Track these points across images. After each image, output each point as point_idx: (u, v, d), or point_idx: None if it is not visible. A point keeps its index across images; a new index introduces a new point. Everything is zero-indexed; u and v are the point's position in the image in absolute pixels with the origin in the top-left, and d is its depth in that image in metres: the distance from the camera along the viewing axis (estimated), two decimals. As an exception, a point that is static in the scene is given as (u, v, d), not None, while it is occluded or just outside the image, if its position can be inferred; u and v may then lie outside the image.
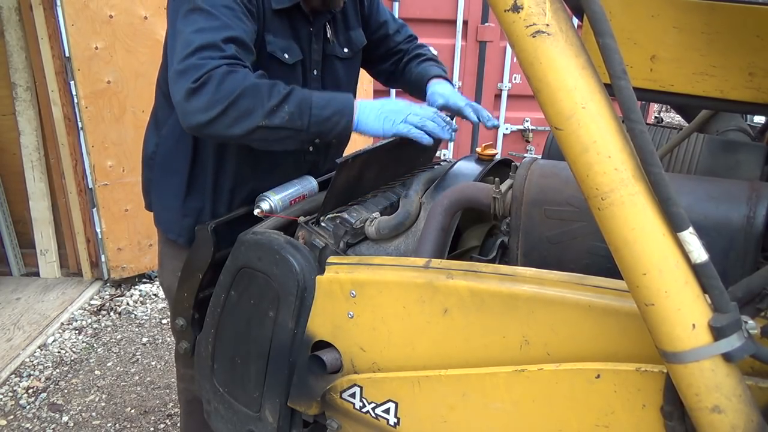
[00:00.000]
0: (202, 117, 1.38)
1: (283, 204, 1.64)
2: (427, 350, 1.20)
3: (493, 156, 1.56)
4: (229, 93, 1.36)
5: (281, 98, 1.40)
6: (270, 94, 1.40)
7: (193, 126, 1.41)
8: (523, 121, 4.83)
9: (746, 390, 0.87)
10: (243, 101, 1.37)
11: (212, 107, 1.36)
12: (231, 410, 1.48)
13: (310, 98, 1.45)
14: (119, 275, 3.89)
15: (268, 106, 1.39)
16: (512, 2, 0.83)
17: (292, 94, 1.43)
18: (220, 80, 1.36)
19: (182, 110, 1.40)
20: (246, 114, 1.38)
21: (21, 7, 3.56)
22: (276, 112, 1.40)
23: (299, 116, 1.42)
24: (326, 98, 1.48)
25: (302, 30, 1.68)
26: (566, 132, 0.84)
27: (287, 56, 1.63)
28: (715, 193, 1.12)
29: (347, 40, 1.82)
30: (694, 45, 1.22)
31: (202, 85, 1.36)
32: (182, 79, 1.37)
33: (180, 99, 1.39)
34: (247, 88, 1.38)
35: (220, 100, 1.36)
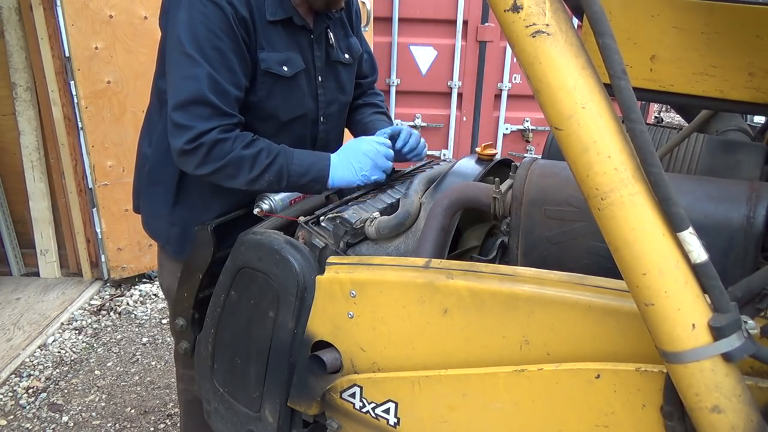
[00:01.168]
0: (192, 171, 1.55)
1: (283, 204, 1.64)
2: (427, 350, 1.20)
3: (493, 156, 1.56)
4: (215, 161, 1.51)
5: (262, 169, 1.53)
6: (252, 166, 1.53)
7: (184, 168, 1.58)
8: (523, 121, 4.83)
9: (746, 390, 0.87)
10: (228, 170, 1.53)
11: (201, 168, 1.53)
12: (231, 410, 1.48)
13: (288, 168, 1.56)
14: (119, 275, 3.89)
15: (249, 177, 1.54)
16: (512, 2, 0.83)
17: (274, 164, 1.54)
18: (209, 149, 1.49)
19: (176, 159, 1.56)
20: (230, 178, 1.55)
21: (21, 7, 3.57)
22: (257, 180, 1.54)
23: (277, 182, 1.57)
24: (305, 166, 1.58)
25: (302, 38, 1.67)
26: (566, 132, 0.84)
27: (286, 68, 1.62)
28: (714, 193, 1.12)
29: (347, 46, 1.83)
30: (693, 45, 1.22)
31: (194, 150, 1.50)
32: (177, 135, 1.51)
33: (175, 152, 1.53)
34: (232, 159, 1.51)
35: (209, 164, 1.51)
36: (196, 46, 1.48)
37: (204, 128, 1.48)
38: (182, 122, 1.49)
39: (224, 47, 1.49)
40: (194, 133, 1.48)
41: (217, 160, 1.50)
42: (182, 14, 1.49)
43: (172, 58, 1.53)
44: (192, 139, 1.48)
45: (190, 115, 1.48)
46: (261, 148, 1.54)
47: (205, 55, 1.48)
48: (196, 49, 1.48)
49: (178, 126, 1.49)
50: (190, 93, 1.48)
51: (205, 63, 1.48)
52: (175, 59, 1.52)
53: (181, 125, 1.49)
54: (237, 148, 1.51)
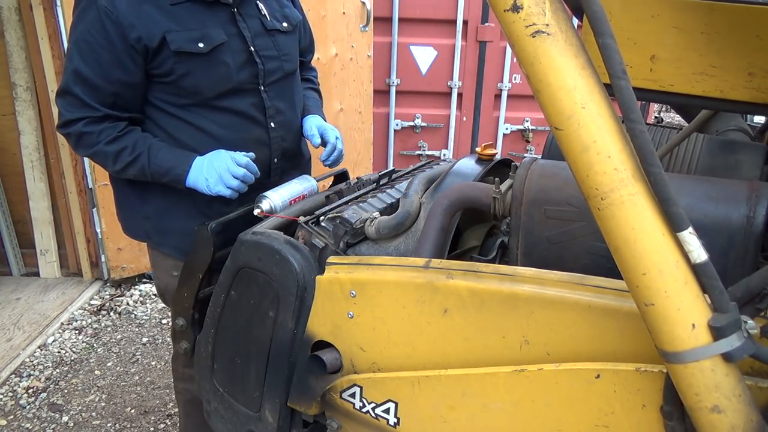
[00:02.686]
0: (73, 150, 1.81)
1: (282, 204, 1.64)
2: (426, 350, 1.20)
3: (493, 156, 1.56)
4: (85, 149, 1.68)
5: (125, 165, 1.66)
6: (115, 161, 1.66)
7: None
8: (523, 121, 4.83)
9: (746, 390, 0.87)
10: (97, 159, 1.70)
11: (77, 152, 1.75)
12: (231, 410, 1.48)
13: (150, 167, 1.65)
14: (119, 275, 3.89)
15: (115, 169, 1.68)
16: (512, 2, 0.83)
17: (135, 162, 1.65)
18: (77, 138, 1.66)
19: None
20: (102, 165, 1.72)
21: (21, 7, 3.56)
22: (123, 172, 1.68)
23: (142, 177, 1.68)
24: (165, 168, 1.66)
25: (220, 13, 1.69)
26: (566, 132, 0.84)
27: (202, 45, 1.64)
28: (714, 193, 1.12)
29: (284, 15, 1.86)
30: (693, 45, 1.22)
31: (66, 136, 1.69)
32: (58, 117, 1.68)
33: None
34: (98, 152, 1.66)
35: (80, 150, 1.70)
36: (73, 42, 1.60)
37: (70, 117, 1.63)
38: (58, 108, 1.66)
39: (93, 41, 1.58)
40: (63, 120, 1.65)
41: (85, 149, 1.67)
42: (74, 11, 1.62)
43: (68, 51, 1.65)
44: (62, 125, 1.66)
45: (63, 102, 1.64)
46: (124, 146, 1.64)
47: (77, 49, 1.59)
48: (73, 45, 1.60)
49: (57, 112, 1.67)
50: (62, 84, 1.63)
51: (76, 58, 1.59)
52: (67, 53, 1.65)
53: (59, 112, 1.66)
54: (101, 143, 1.64)
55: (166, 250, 1.82)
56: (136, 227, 1.86)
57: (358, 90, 4.32)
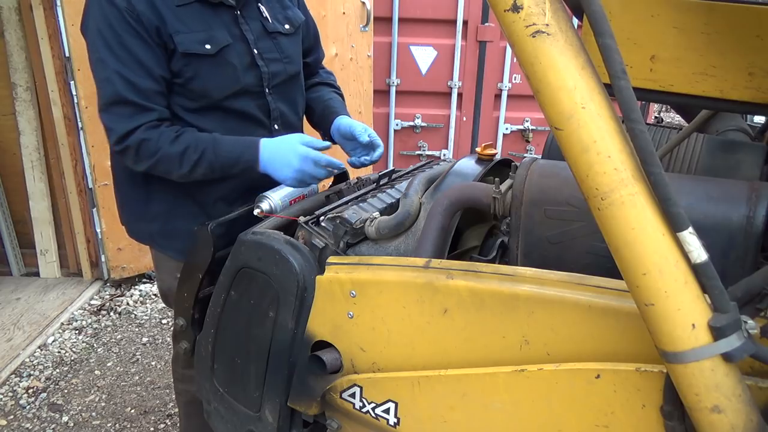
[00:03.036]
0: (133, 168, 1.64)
1: (282, 204, 1.64)
2: (426, 350, 1.20)
3: (493, 156, 1.56)
4: (147, 158, 1.59)
5: (192, 165, 1.59)
6: (181, 164, 1.59)
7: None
8: (523, 121, 4.83)
9: (746, 390, 0.87)
10: (160, 166, 1.60)
11: (137, 166, 1.62)
12: (231, 410, 1.48)
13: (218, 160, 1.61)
14: (119, 275, 3.89)
15: (182, 172, 1.61)
16: (512, 2, 0.83)
17: (202, 159, 1.59)
18: (137, 149, 1.57)
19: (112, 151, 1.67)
20: (166, 174, 1.63)
21: (21, 7, 3.56)
22: (190, 174, 1.61)
23: (211, 173, 1.62)
24: (234, 157, 1.62)
25: (225, 15, 1.68)
26: (566, 132, 0.84)
27: (208, 46, 1.63)
28: (714, 193, 1.12)
29: (285, 17, 1.84)
30: (693, 45, 1.22)
31: (124, 151, 1.59)
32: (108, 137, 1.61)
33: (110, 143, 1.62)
34: (162, 157, 1.58)
35: (141, 163, 1.60)
36: (105, 48, 1.55)
37: (127, 128, 1.55)
38: (108, 124, 1.58)
39: (128, 43, 1.54)
40: (118, 135, 1.56)
41: (147, 159, 1.58)
42: (90, 20, 1.58)
43: (91, 64, 1.61)
44: (118, 141, 1.57)
45: (113, 116, 1.57)
46: (188, 145, 1.58)
47: (114, 55, 1.54)
48: (105, 50, 1.55)
49: (106, 128, 1.59)
50: (107, 95, 1.57)
51: (114, 63, 1.54)
52: (93, 65, 1.60)
53: (108, 127, 1.58)
54: (163, 147, 1.57)
55: (170, 252, 1.81)
56: (140, 230, 1.85)
57: (358, 90, 4.33)
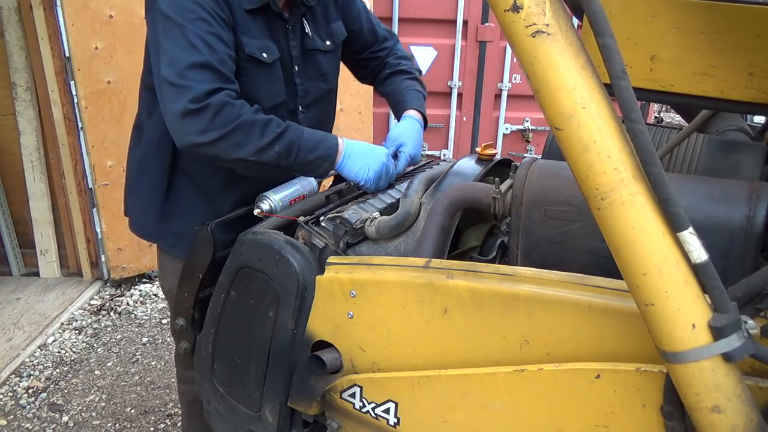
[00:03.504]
0: (195, 139, 1.42)
1: (282, 204, 1.64)
2: (426, 350, 1.20)
3: (493, 156, 1.56)
4: (225, 124, 1.41)
5: (273, 138, 1.47)
6: (263, 133, 1.46)
7: (184, 144, 1.46)
8: (523, 121, 4.83)
9: (746, 390, 0.87)
10: (237, 135, 1.43)
11: (206, 133, 1.41)
12: (231, 410, 1.48)
13: (300, 140, 1.51)
14: (119, 275, 3.89)
15: (259, 145, 1.46)
16: (512, 2, 0.83)
17: (284, 135, 1.49)
18: (218, 109, 1.40)
19: (175, 128, 1.45)
20: (237, 148, 1.44)
21: (21, 7, 3.56)
22: (266, 150, 1.47)
23: (286, 156, 1.50)
24: (315, 142, 1.55)
25: (278, 27, 1.67)
26: (566, 132, 0.84)
27: (266, 55, 1.62)
28: (715, 193, 1.12)
29: (328, 32, 1.81)
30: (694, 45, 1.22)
31: (200, 110, 1.39)
32: (178, 97, 1.40)
33: (174, 116, 1.42)
34: (243, 123, 1.43)
35: (216, 128, 1.41)
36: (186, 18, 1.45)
37: (210, 88, 1.40)
38: (182, 83, 1.40)
39: (212, 20, 1.48)
40: (199, 92, 1.39)
41: (224, 125, 1.41)
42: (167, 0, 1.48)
43: (166, 35, 1.46)
44: (197, 98, 1.39)
45: (191, 77, 1.41)
46: (271, 118, 1.49)
47: (196, 26, 1.45)
48: (187, 21, 1.45)
49: (178, 87, 1.40)
50: (190, 58, 1.42)
51: (198, 30, 1.45)
52: (168, 36, 1.46)
53: (182, 86, 1.40)
54: (246, 114, 1.44)
55: (176, 252, 1.79)
56: (149, 228, 1.83)
57: (358, 90, 4.33)
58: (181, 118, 1.41)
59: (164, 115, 1.47)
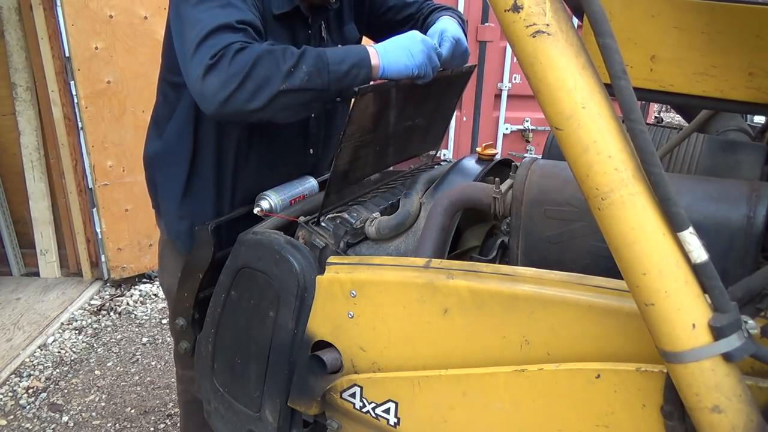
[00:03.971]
0: (221, 95, 1.35)
1: (283, 204, 1.64)
2: (427, 350, 1.20)
3: (493, 156, 1.56)
4: (243, 65, 1.34)
5: (296, 59, 1.38)
6: (284, 57, 1.37)
7: (214, 107, 1.38)
8: (523, 121, 4.83)
9: (746, 390, 0.87)
10: (259, 69, 1.35)
11: (229, 82, 1.34)
12: (231, 410, 1.48)
13: (325, 55, 1.41)
14: (119, 275, 3.89)
15: (284, 70, 1.37)
16: (512, 2, 0.83)
17: (306, 54, 1.40)
18: (234, 55, 1.34)
19: (199, 93, 1.38)
20: (264, 83, 1.36)
21: (21, 7, 3.57)
22: (294, 73, 1.37)
23: (318, 75, 1.39)
24: (341, 53, 1.44)
25: (301, 34, 1.66)
26: (566, 132, 0.84)
27: None
28: (715, 193, 1.12)
29: (341, 36, 1.81)
30: (694, 45, 1.22)
31: (217, 61, 1.34)
32: (197, 59, 1.36)
33: (196, 80, 1.37)
34: (260, 56, 1.36)
35: (236, 73, 1.34)
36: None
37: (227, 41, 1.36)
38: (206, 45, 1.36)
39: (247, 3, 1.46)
40: (217, 48, 1.35)
41: (244, 65, 1.34)
42: None
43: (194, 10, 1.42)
44: (214, 54, 1.34)
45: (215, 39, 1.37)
46: (286, 46, 1.42)
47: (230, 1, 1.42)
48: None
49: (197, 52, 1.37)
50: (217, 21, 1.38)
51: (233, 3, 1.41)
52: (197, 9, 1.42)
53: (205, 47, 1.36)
54: (263, 47, 1.38)
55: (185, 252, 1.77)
56: (170, 224, 1.83)
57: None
58: (203, 79, 1.36)
59: (190, 87, 1.42)
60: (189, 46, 1.39)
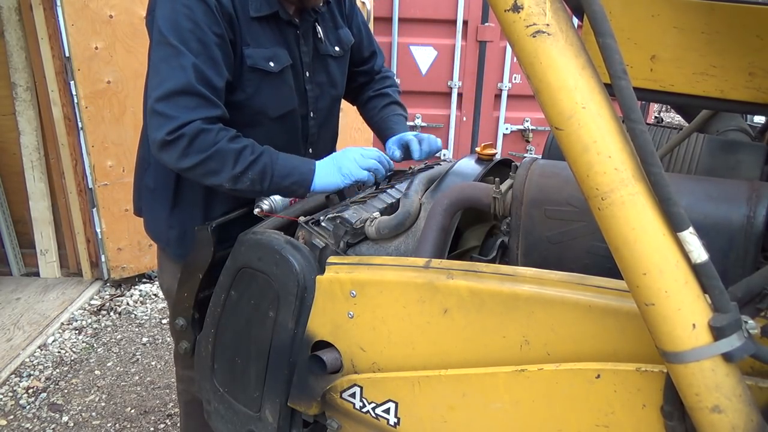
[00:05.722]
0: (173, 164, 1.49)
1: (283, 204, 1.64)
2: (427, 350, 1.20)
3: (493, 156, 1.56)
4: (198, 153, 1.45)
5: (246, 165, 1.48)
6: (236, 162, 1.48)
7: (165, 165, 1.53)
8: (523, 121, 4.84)
9: (746, 390, 0.87)
10: (210, 163, 1.47)
11: (181, 160, 1.46)
12: (231, 410, 1.48)
13: (273, 167, 1.52)
14: (119, 275, 3.89)
15: (232, 174, 1.48)
16: (512, 2, 0.83)
17: (257, 162, 1.50)
18: (191, 139, 1.44)
19: (155, 151, 1.50)
20: (212, 174, 1.48)
21: (21, 7, 3.57)
22: (239, 178, 1.49)
23: (260, 182, 1.51)
24: (289, 167, 1.54)
25: (289, 33, 1.66)
26: (566, 132, 0.84)
27: (272, 64, 1.61)
28: (715, 193, 1.12)
29: (337, 38, 1.81)
30: (694, 45, 1.22)
31: (175, 140, 1.44)
32: (157, 126, 1.45)
33: (155, 144, 1.47)
34: (216, 152, 1.46)
35: (190, 157, 1.45)
36: (181, 38, 1.46)
37: (189, 118, 1.44)
38: (166, 112, 1.44)
39: (208, 40, 1.48)
40: (177, 123, 1.43)
41: (199, 152, 1.45)
42: (165, 8, 1.48)
43: (157, 51, 1.49)
44: (174, 129, 1.43)
45: (175, 106, 1.44)
46: (245, 145, 1.50)
47: (190, 48, 1.46)
48: (181, 41, 1.45)
49: (160, 116, 1.45)
50: (176, 83, 1.45)
51: (190, 54, 1.45)
52: (159, 52, 1.49)
53: (165, 115, 1.44)
54: (221, 141, 1.46)
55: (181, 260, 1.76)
56: (159, 232, 1.84)
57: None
58: (160, 147, 1.47)
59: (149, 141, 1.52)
60: (148, 94, 1.50)
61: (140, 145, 1.82)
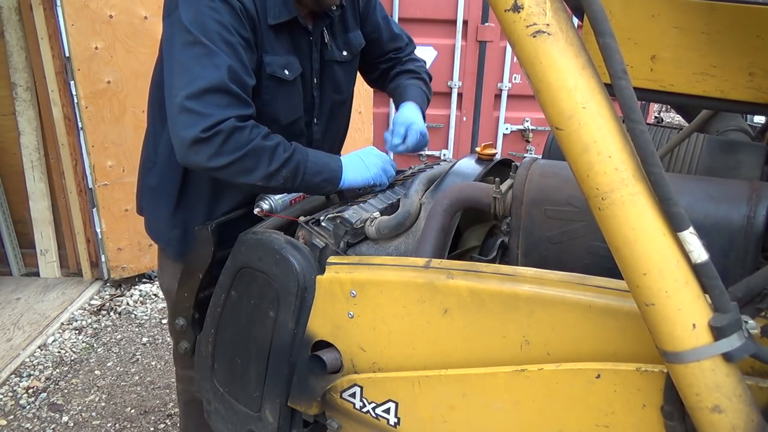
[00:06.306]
0: (203, 163, 1.42)
1: (283, 204, 1.64)
2: (427, 350, 1.20)
3: (493, 156, 1.56)
4: (233, 152, 1.40)
5: (281, 163, 1.46)
6: (271, 159, 1.45)
7: (191, 165, 1.45)
8: (523, 121, 4.83)
9: (746, 390, 0.87)
10: (246, 161, 1.42)
11: (215, 159, 1.40)
12: (231, 410, 1.48)
13: (305, 164, 1.51)
14: (119, 275, 3.89)
15: (268, 171, 1.45)
16: (512, 2, 0.83)
17: (291, 159, 1.48)
18: (226, 137, 1.39)
19: (183, 151, 1.43)
20: (246, 172, 1.44)
21: (21, 7, 3.56)
22: (273, 176, 1.46)
23: (292, 180, 1.49)
24: (320, 165, 1.54)
25: (302, 41, 1.66)
26: (567, 132, 0.84)
27: (287, 72, 1.60)
28: (715, 193, 1.12)
29: (345, 43, 1.80)
30: (694, 45, 1.22)
31: (210, 138, 1.38)
32: (188, 124, 1.39)
33: (184, 142, 1.41)
34: (252, 149, 1.42)
35: (224, 156, 1.40)
36: (209, 38, 1.42)
37: (223, 116, 1.39)
38: (198, 109, 1.39)
39: (234, 42, 1.45)
40: (212, 121, 1.38)
41: (234, 151, 1.40)
42: (189, 10, 1.45)
43: (186, 51, 1.44)
44: (209, 127, 1.38)
45: (207, 104, 1.39)
46: (278, 142, 1.48)
47: (221, 46, 1.43)
48: (210, 41, 1.42)
49: (192, 113, 1.39)
50: (209, 81, 1.40)
51: (222, 53, 1.42)
52: (189, 52, 1.44)
53: (197, 112, 1.39)
54: (256, 138, 1.43)
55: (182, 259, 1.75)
56: (160, 231, 1.83)
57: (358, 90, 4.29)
58: (190, 145, 1.40)
59: (172, 137, 1.45)
60: (175, 93, 1.42)
61: (144, 145, 1.82)
